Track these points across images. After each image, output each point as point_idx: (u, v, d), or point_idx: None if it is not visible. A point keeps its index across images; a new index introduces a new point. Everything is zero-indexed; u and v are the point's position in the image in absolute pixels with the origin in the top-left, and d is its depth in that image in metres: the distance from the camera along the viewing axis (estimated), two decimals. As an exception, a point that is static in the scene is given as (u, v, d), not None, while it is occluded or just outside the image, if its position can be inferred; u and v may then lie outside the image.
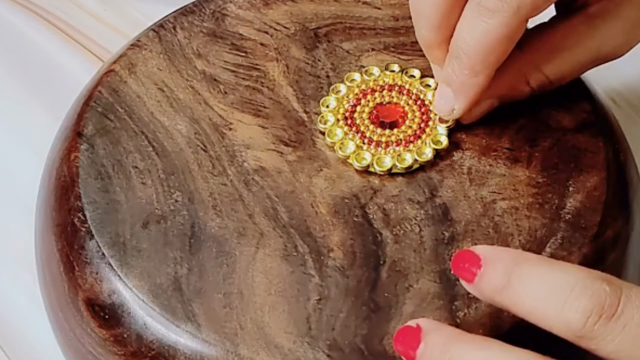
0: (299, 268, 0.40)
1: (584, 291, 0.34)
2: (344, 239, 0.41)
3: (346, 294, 0.40)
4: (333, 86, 0.46)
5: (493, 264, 0.36)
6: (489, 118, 0.44)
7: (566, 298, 0.34)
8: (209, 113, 0.45)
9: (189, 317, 0.39)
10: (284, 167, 0.43)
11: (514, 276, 0.36)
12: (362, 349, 0.38)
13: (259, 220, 0.42)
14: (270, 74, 0.47)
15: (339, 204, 0.42)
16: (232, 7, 0.49)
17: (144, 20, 0.58)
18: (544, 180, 0.43)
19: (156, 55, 0.47)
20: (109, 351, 0.40)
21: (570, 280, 0.35)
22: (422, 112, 0.45)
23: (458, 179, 0.43)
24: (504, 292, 0.36)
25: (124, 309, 0.40)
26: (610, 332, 0.34)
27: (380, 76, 0.46)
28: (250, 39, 0.48)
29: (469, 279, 0.37)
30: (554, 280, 0.35)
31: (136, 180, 0.43)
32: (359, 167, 0.43)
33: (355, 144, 0.44)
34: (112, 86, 0.46)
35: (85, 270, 0.41)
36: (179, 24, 0.49)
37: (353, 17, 0.49)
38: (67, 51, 0.59)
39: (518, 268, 0.36)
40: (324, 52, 0.48)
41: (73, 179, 0.43)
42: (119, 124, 0.45)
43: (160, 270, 0.40)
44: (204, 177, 0.43)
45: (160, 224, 0.42)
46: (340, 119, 0.45)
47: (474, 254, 0.37)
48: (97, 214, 0.42)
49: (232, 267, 0.40)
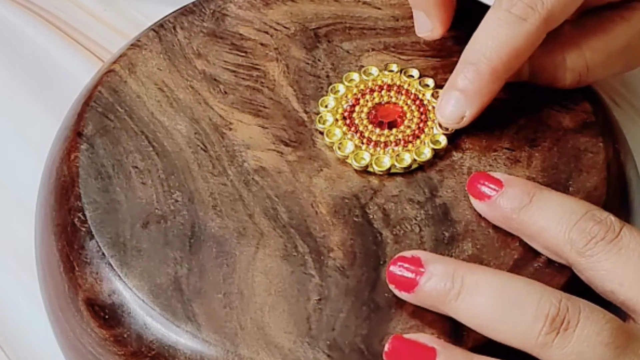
0: (299, 268, 0.40)
1: (593, 217, 0.39)
2: (344, 239, 0.41)
3: (346, 294, 0.40)
4: (332, 86, 0.46)
5: (515, 184, 0.40)
6: (489, 118, 0.44)
7: (577, 220, 0.39)
8: (209, 113, 0.45)
9: (189, 317, 0.39)
10: (284, 167, 0.43)
11: (535, 197, 0.40)
12: (362, 349, 0.38)
13: (259, 220, 0.42)
14: (270, 74, 0.47)
15: (339, 204, 0.42)
16: (232, 7, 0.49)
17: (144, 20, 0.58)
18: (544, 180, 0.43)
19: (156, 55, 0.47)
20: (109, 351, 0.40)
21: (583, 208, 0.39)
22: (420, 112, 0.45)
23: (458, 179, 0.43)
24: (522, 211, 0.39)
25: (124, 309, 0.40)
26: (607, 252, 0.38)
27: (379, 76, 0.46)
28: (250, 39, 0.48)
29: (486, 197, 0.40)
30: (569, 205, 0.39)
31: (136, 180, 0.43)
32: (358, 167, 0.43)
33: (354, 144, 0.44)
34: (112, 86, 0.46)
35: (85, 270, 0.41)
36: (179, 24, 0.49)
37: (353, 17, 0.49)
38: (67, 51, 0.59)
39: (538, 191, 0.40)
40: (324, 52, 0.48)
41: (73, 179, 0.43)
42: (119, 124, 0.45)
43: (160, 270, 0.40)
44: (204, 177, 0.43)
45: (160, 224, 0.42)
46: (339, 119, 0.45)
47: (492, 177, 0.40)
48: (97, 214, 0.42)
49: (232, 267, 0.40)
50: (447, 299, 0.37)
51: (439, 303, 0.38)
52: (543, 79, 0.45)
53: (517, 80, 0.44)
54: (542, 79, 0.45)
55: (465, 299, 0.37)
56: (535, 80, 0.45)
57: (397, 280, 0.38)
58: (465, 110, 0.43)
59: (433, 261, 0.38)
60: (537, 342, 0.36)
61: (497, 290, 0.37)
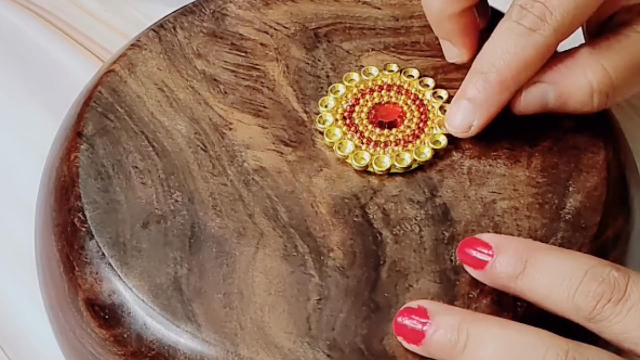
0: (299, 268, 0.40)
1: (594, 277, 0.37)
2: (344, 239, 0.41)
3: (346, 294, 0.40)
4: (332, 86, 0.46)
5: (507, 251, 0.38)
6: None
7: (578, 283, 0.37)
8: (209, 113, 0.45)
9: (189, 317, 0.39)
10: (284, 167, 0.43)
11: (529, 263, 0.38)
12: (362, 349, 0.38)
13: (259, 220, 0.42)
14: (270, 74, 0.47)
15: (339, 204, 0.42)
16: (232, 7, 0.49)
17: (144, 20, 0.58)
18: (544, 180, 0.43)
19: (156, 55, 0.47)
20: (109, 351, 0.40)
21: (582, 267, 0.37)
22: (420, 112, 0.45)
23: (458, 179, 0.43)
24: (520, 278, 0.38)
25: (124, 309, 0.40)
26: (617, 314, 0.36)
27: (379, 76, 0.46)
28: (250, 39, 0.48)
29: (480, 266, 0.38)
30: (567, 267, 0.37)
31: (136, 180, 0.43)
32: (358, 167, 0.43)
33: (353, 143, 0.44)
34: (112, 86, 0.46)
35: (85, 270, 0.41)
36: (179, 24, 0.49)
37: (353, 17, 0.49)
38: (67, 51, 0.59)
39: (532, 255, 0.38)
40: (324, 52, 0.48)
41: (73, 179, 0.43)
42: (119, 124, 0.45)
43: (160, 270, 0.40)
44: (204, 177, 0.43)
45: (160, 224, 0.42)
46: (339, 118, 0.45)
47: (483, 242, 0.39)
48: (97, 214, 0.42)
49: (232, 267, 0.40)
50: (454, 353, 0.37)
51: (447, 356, 0.37)
52: (571, 106, 0.43)
53: (543, 111, 0.43)
54: (570, 105, 0.43)
55: (470, 353, 0.36)
56: (563, 108, 0.43)
57: (405, 332, 0.38)
58: (473, 119, 0.43)
59: (438, 312, 0.38)
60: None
61: (502, 345, 0.36)
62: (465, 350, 0.36)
